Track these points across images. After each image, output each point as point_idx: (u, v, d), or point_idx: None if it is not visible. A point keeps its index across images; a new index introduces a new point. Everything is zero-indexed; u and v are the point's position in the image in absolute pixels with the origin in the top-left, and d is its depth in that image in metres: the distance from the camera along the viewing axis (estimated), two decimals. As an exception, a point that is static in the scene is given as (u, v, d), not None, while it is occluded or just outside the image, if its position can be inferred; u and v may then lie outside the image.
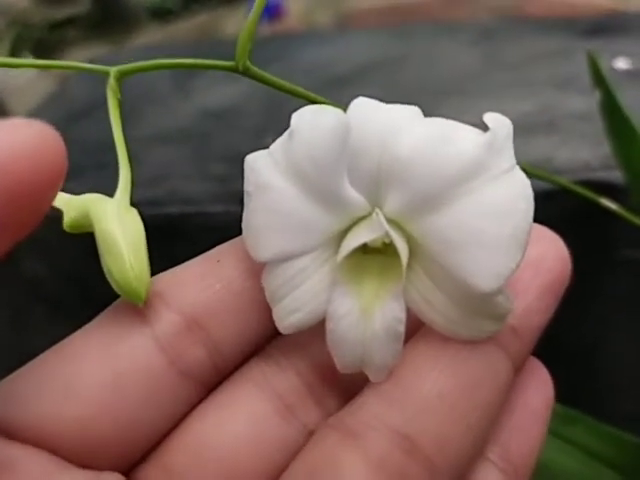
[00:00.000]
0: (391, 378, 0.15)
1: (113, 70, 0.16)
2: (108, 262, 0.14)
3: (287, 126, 0.15)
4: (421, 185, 0.14)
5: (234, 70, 0.17)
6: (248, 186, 0.15)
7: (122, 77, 0.16)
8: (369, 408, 0.15)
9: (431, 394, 0.15)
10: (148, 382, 0.15)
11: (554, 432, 0.26)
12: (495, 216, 0.13)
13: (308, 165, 0.14)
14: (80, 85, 0.60)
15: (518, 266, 0.14)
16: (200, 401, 0.17)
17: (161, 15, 1.82)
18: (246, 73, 0.17)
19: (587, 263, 0.38)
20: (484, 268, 0.14)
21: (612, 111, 0.31)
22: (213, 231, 0.36)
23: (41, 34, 1.87)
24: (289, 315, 0.16)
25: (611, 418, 0.27)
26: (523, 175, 0.14)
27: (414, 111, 0.15)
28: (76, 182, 0.15)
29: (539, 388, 0.18)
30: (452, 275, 0.14)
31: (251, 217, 0.15)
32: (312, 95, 0.18)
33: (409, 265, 0.15)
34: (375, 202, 0.15)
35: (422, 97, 0.48)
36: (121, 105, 0.16)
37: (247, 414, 0.16)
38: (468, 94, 0.45)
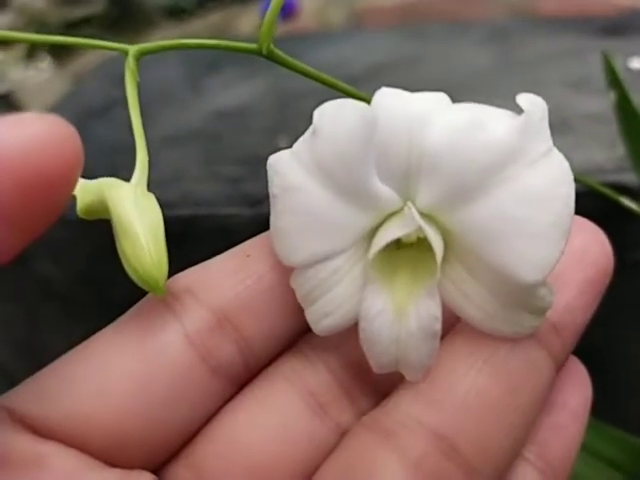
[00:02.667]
0: (427, 377, 0.15)
1: (132, 49, 0.16)
2: (125, 248, 0.14)
3: (298, 127, 0.14)
4: (454, 175, 0.13)
5: (258, 53, 0.16)
6: (273, 188, 0.15)
7: (141, 57, 0.16)
8: (405, 408, 0.15)
9: (469, 394, 0.15)
10: (179, 379, 0.15)
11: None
12: (535, 203, 0.13)
13: (334, 162, 0.14)
14: (94, 85, 0.60)
15: (562, 254, 0.13)
16: (231, 398, 0.16)
17: (176, 14, 1.83)
18: (270, 56, 0.16)
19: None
20: (527, 259, 0.13)
21: (627, 112, 0.31)
22: (225, 233, 0.37)
23: (58, 34, 1.88)
24: (323, 318, 0.15)
25: (620, 421, 0.27)
26: (562, 157, 0.13)
27: (442, 98, 0.14)
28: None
29: (577, 387, 0.18)
30: (492, 267, 0.13)
31: (279, 220, 0.15)
32: (335, 82, 0.18)
33: (444, 259, 0.14)
34: (407, 196, 0.14)
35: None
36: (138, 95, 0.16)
37: (279, 412, 0.16)
38: (482, 94, 0.45)
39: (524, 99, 0.13)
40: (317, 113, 0.14)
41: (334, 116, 0.14)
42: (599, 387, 0.19)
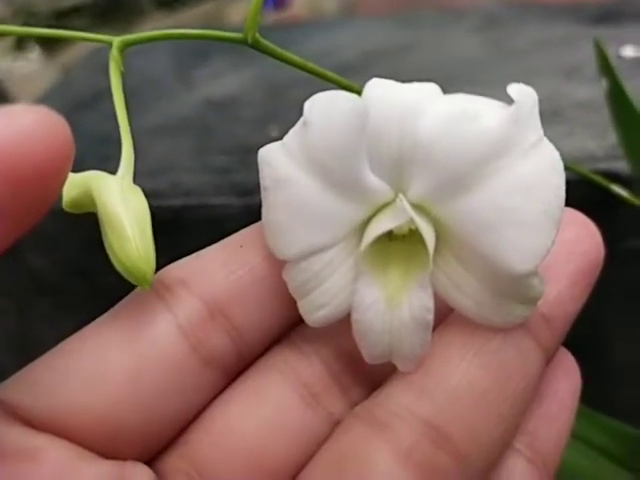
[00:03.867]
0: (419, 368, 0.15)
1: (116, 40, 0.16)
2: (112, 242, 0.14)
3: (289, 116, 0.14)
4: (446, 167, 0.13)
5: (243, 42, 0.16)
6: (264, 181, 0.15)
7: (125, 48, 0.16)
8: (397, 398, 0.15)
9: (461, 384, 0.15)
10: (171, 370, 0.15)
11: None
12: (527, 193, 0.13)
13: (326, 154, 0.14)
14: (83, 76, 0.59)
15: (553, 244, 0.13)
16: (224, 389, 0.16)
17: (167, 4, 1.81)
18: (255, 46, 0.16)
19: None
20: (519, 248, 0.13)
21: (619, 100, 0.31)
22: (215, 223, 0.36)
23: (47, 23, 1.87)
24: (317, 310, 0.15)
25: (615, 412, 0.27)
26: (552, 147, 0.13)
27: (433, 89, 0.14)
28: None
29: (567, 377, 0.18)
30: (484, 258, 0.14)
31: (271, 213, 0.15)
32: (322, 71, 0.17)
33: (436, 250, 0.14)
34: (399, 187, 0.14)
35: (426, 86, 0.48)
36: (124, 89, 0.16)
37: (271, 402, 0.16)
38: (473, 82, 0.45)
39: (515, 89, 0.13)
40: (307, 105, 0.14)
41: (325, 108, 0.14)
42: (588, 375, 0.19)
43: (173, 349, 0.15)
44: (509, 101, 0.13)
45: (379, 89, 0.14)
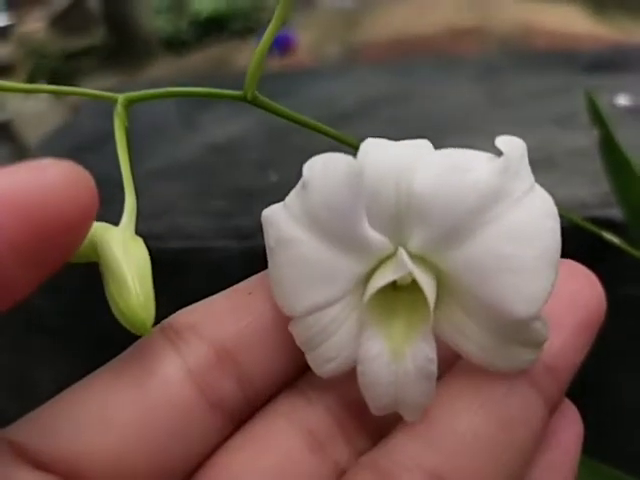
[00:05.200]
0: (425, 418, 0.15)
1: (121, 97, 0.16)
2: (113, 291, 0.14)
3: (288, 161, 0.15)
4: (442, 220, 0.13)
5: (243, 99, 0.17)
6: (269, 241, 0.15)
7: (130, 105, 0.16)
8: (403, 448, 0.15)
9: (467, 435, 0.15)
10: (179, 414, 0.15)
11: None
12: (523, 239, 0.13)
13: (325, 214, 0.14)
14: (90, 117, 0.61)
15: (553, 287, 0.13)
16: (231, 434, 0.16)
17: (174, 47, 1.86)
18: (254, 102, 0.17)
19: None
20: (519, 294, 0.13)
21: (610, 150, 0.31)
22: (215, 266, 0.37)
23: (57, 64, 1.92)
24: (325, 363, 0.16)
25: (615, 458, 0.27)
26: (544, 193, 0.14)
27: (425, 145, 0.14)
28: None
29: (570, 426, 0.18)
30: (486, 305, 0.14)
31: (277, 272, 0.15)
32: (319, 125, 0.18)
33: (440, 297, 0.14)
34: (399, 240, 0.14)
35: (424, 133, 0.49)
36: (128, 136, 0.16)
37: (277, 451, 0.16)
38: (469, 130, 0.46)
39: (502, 141, 0.14)
40: (306, 167, 0.14)
41: (322, 169, 0.14)
42: (589, 423, 0.19)
43: (181, 393, 0.15)
44: (500, 152, 0.14)
45: (374, 148, 0.14)
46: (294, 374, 0.17)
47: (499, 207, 0.13)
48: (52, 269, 0.12)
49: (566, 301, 0.16)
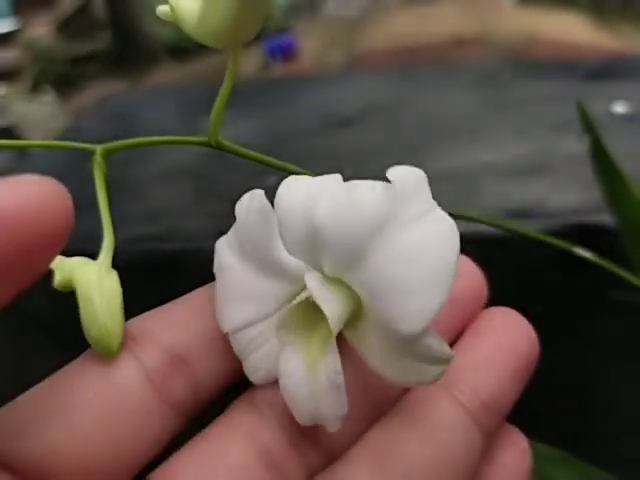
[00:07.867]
0: (377, 446, 0.16)
1: (99, 148, 0.18)
2: (86, 321, 0.16)
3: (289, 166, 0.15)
4: (340, 246, 0.15)
5: (207, 145, 0.18)
6: (214, 267, 0.17)
7: (108, 155, 0.18)
8: (353, 473, 0.16)
9: (415, 463, 0.16)
10: (141, 414, 0.16)
11: (547, 475, 0.26)
12: (409, 260, 0.14)
13: (248, 243, 0.16)
14: (94, 121, 0.61)
15: (442, 306, 0.14)
16: (183, 430, 0.17)
17: (178, 54, 1.87)
18: (219, 148, 0.18)
19: (577, 307, 0.38)
20: (405, 312, 0.14)
21: (600, 158, 0.32)
22: (211, 267, 0.37)
23: (62, 69, 1.93)
24: (255, 372, 0.17)
25: (607, 463, 0.27)
26: (442, 216, 0.14)
27: (334, 179, 0.15)
28: (81, 218, 0.16)
29: (517, 456, 0.19)
30: (382, 322, 0.15)
31: (217, 294, 0.17)
32: (284, 165, 0.19)
33: (359, 317, 0.16)
34: (317, 265, 0.16)
35: (421, 140, 0.50)
36: (107, 182, 0.18)
37: (229, 466, 0.16)
38: (466, 137, 0.47)
39: (393, 172, 0.14)
40: (238, 203, 0.16)
41: (245, 205, 0.16)
42: (580, 426, 0.19)
43: (141, 394, 0.16)
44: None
45: (289, 183, 0.16)
46: (242, 375, 0.18)
47: (387, 230, 0.14)
48: (31, 277, 0.13)
49: (506, 350, 0.19)
